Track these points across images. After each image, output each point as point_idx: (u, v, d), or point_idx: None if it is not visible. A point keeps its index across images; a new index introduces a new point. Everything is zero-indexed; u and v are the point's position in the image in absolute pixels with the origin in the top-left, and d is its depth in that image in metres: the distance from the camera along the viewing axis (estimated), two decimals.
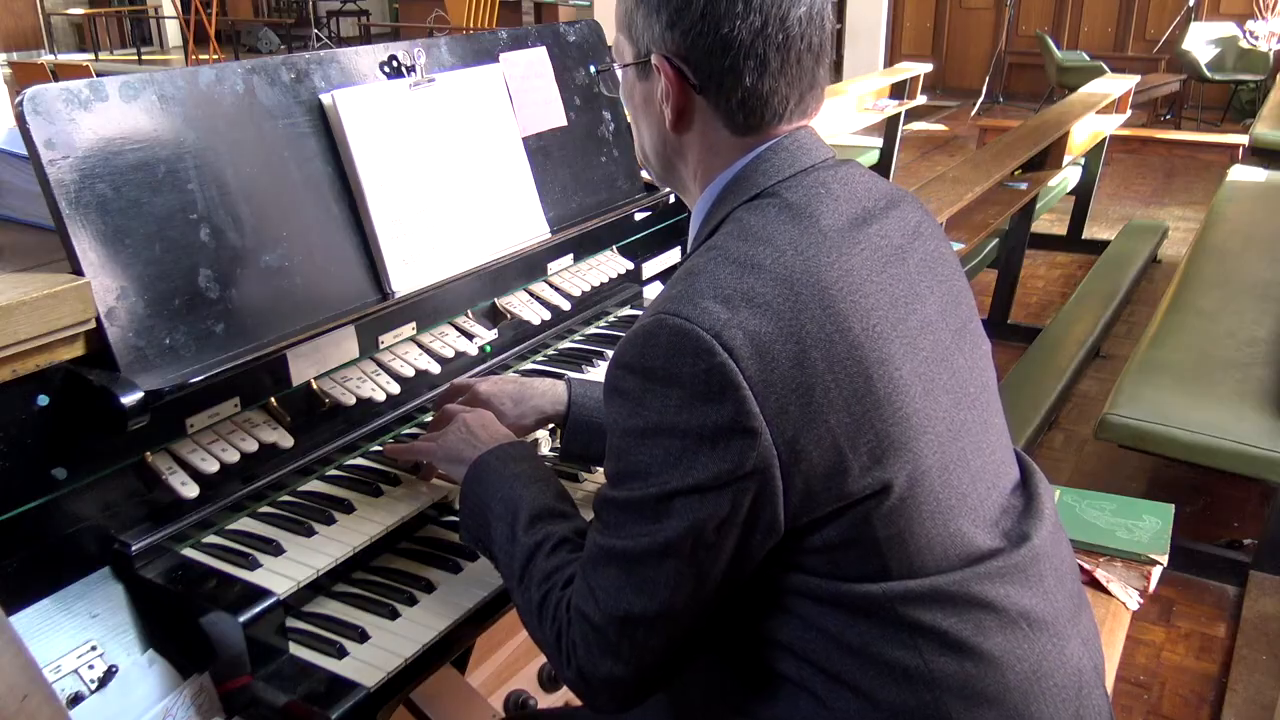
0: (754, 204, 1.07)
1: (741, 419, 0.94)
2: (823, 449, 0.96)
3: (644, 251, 2.20)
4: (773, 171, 1.08)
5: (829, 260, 1.01)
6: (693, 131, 1.11)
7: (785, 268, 0.99)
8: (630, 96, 1.17)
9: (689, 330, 0.94)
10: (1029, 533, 1.11)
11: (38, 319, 1.12)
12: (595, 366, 1.85)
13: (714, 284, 0.98)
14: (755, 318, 0.95)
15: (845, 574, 1.01)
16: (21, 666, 0.89)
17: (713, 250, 1.03)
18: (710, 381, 0.94)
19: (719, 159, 1.11)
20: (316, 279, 1.43)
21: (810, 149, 1.11)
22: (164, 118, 1.28)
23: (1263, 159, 5.11)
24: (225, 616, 1.18)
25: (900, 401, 1.00)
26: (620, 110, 2.02)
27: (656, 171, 1.20)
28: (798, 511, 0.98)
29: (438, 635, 1.27)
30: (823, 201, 1.06)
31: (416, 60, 1.61)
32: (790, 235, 1.02)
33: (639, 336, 0.98)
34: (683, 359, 0.94)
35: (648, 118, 1.15)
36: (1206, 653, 2.59)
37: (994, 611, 1.04)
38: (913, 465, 1.01)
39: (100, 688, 1.15)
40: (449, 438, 1.36)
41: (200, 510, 1.33)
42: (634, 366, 0.98)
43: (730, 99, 1.06)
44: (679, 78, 1.07)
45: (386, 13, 15.85)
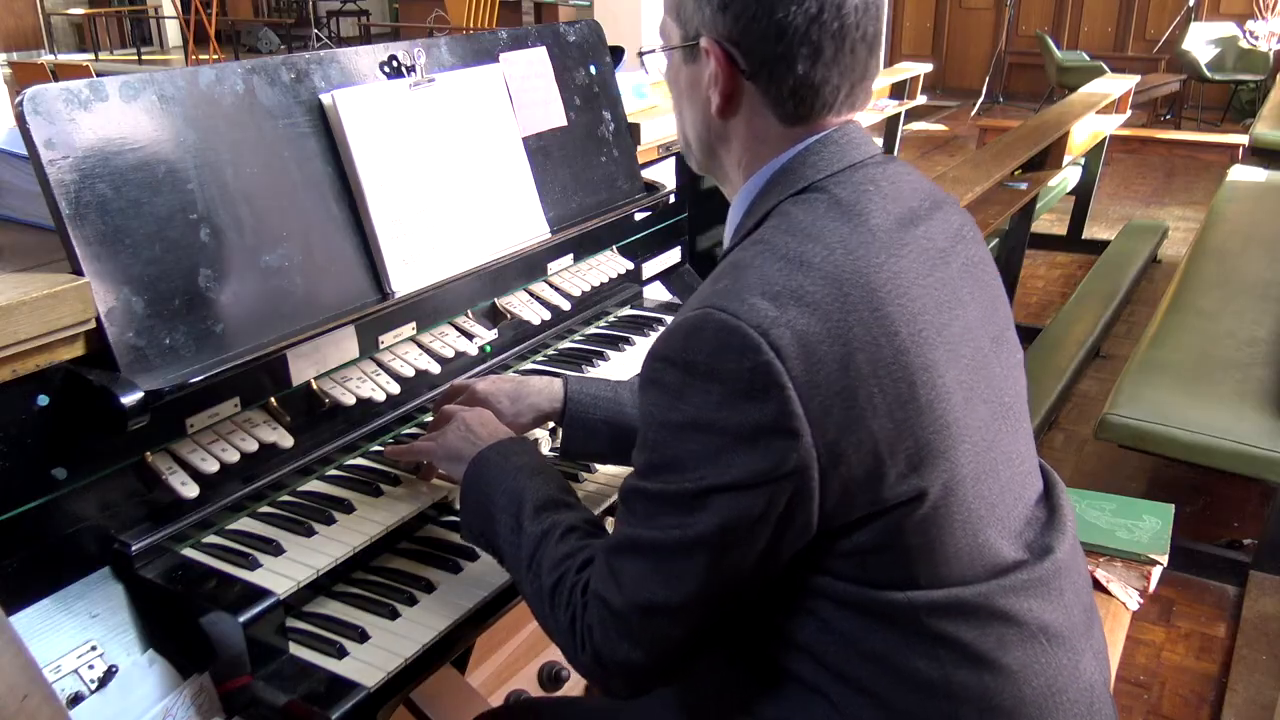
0: (802, 198, 1.05)
1: (784, 419, 0.92)
2: (862, 453, 0.95)
3: (644, 251, 2.20)
4: (821, 165, 1.06)
5: (878, 261, 0.99)
6: (739, 118, 1.09)
7: (835, 266, 0.97)
8: (675, 80, 1.14)
9: (736, 326, 0.93)
10: (1052, 546, 1.10)
11: (38, 319, 1.12)
12: (595, 366, 1.85)
13: (762, 280, 0.96)
14: (803, 317, 0.94)
15: (873, 580, 1.00)
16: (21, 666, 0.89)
17: (760, 244, 1.01)
18: (755, 380, 0.92)
19: (765, 148, 1.09)
20: (316, 279, 1.43)
21: (859, 144, 1.09)
22: (164, 118, 1.28)
23: (1263, 159, 5.11)
24: (225, 616, 1.18)
25: (941, 409, 0.99)
26: (620, 110, 2.02)
27: (697, 158, 1.18)
28: (831, 514, 0.97)
29: (438, 635, 1.27)
30: (871, 199, 1.04)
31: (416, 60, 1.61)
32: (840, 233, 1.00)
33: (682, 330, 0.97)
34: (728, 355, 0.93)
35: (692, 102, 1.12)
36: (1206, 653, 2.59)
37: (1015, 625, 1.03)
38: (949, 474, 1.00)
39: (100, 688, 1.15)
40: (448, 436, 1.36)
41: (200, 510, 1.33)
42: (675, 360, 0.97)
43: (781, 87, 1.04)
44: (728, 63, 1.04)
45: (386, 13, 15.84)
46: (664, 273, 2.31)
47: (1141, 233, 5.44)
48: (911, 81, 5.80)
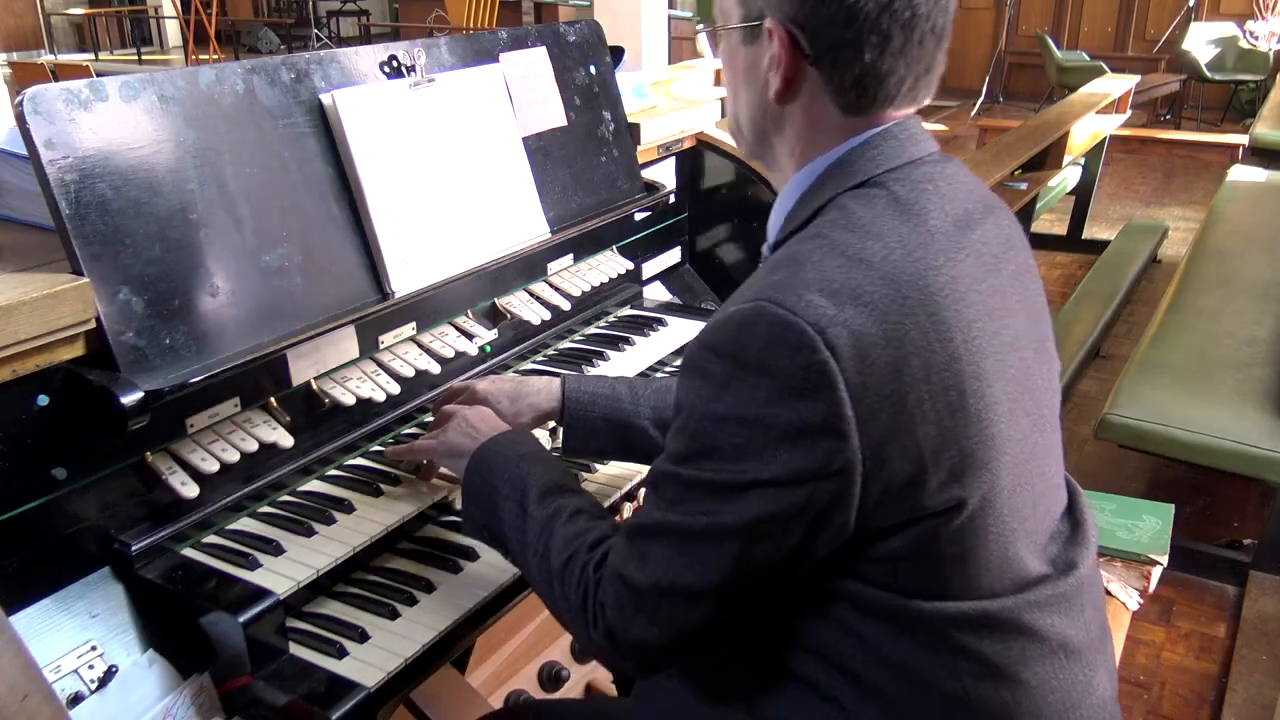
0: (860, 193, 1.02)
1: (833, 420, 0.91)
2: (905, 460, 0.94)
3: (644, 251, 2.20)
4: (881, 160, 1.03)
5: (936, 264, 0.97)
6: (797, 105, 1.05)
7: (893, 267, 0.95)
8: (731, 60, 1.11)
9: (792, 323, 0.91)
10: (1076, 561, 1.09)
11: (38, 319, 1.12)
12: (595, 366, 1.85)
13: (821, 276, 0.94)
14: (860, 317, 0.92)
15: (902, 587, 0.99)
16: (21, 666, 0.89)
17: (819, 239, 0.99)
18: (807, 378, 0.90)
19: (822, 138, 1.06)
20: (316, 279, 1.43)
21: (920, 140, 1.06)
22: (164, 118, 1.28)
23: (1263, 159, 5.11)
24: (225, 616, 1.18)
25: (988, 420, 0.98)
26: (620, 110, 2.02)
27: (747, 143, 1.15)
28: (868, 517, 0.96)
29: (438, 635, 1.27)
30: (930, 199, 1.02)
31: (416, 60, 1.61)
32: (899, 233, 0.98)
33: (734, 321, 0.94)
34: (781, 351, 0.91)
35: (749, 85, 1.09)
36: (1206, 653, 2.59)
37: (1038, 640, 1.03)
38: (988, 486, 0.98)
39: (100, 688, 1.15)
40: (449, 433, 1.36)
41: (200, 510, 1.33)
42: (723, 351, 0.95)
43: (845, 75, 1.01)
44: (792, 46, 1.01)
45: (386, 13, 15.84)
46: (664, 273, 2.31)
47: (1141, 233, 5.44)
48: None
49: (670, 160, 2.24)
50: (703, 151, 2.30)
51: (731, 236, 2.35)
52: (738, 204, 2.31)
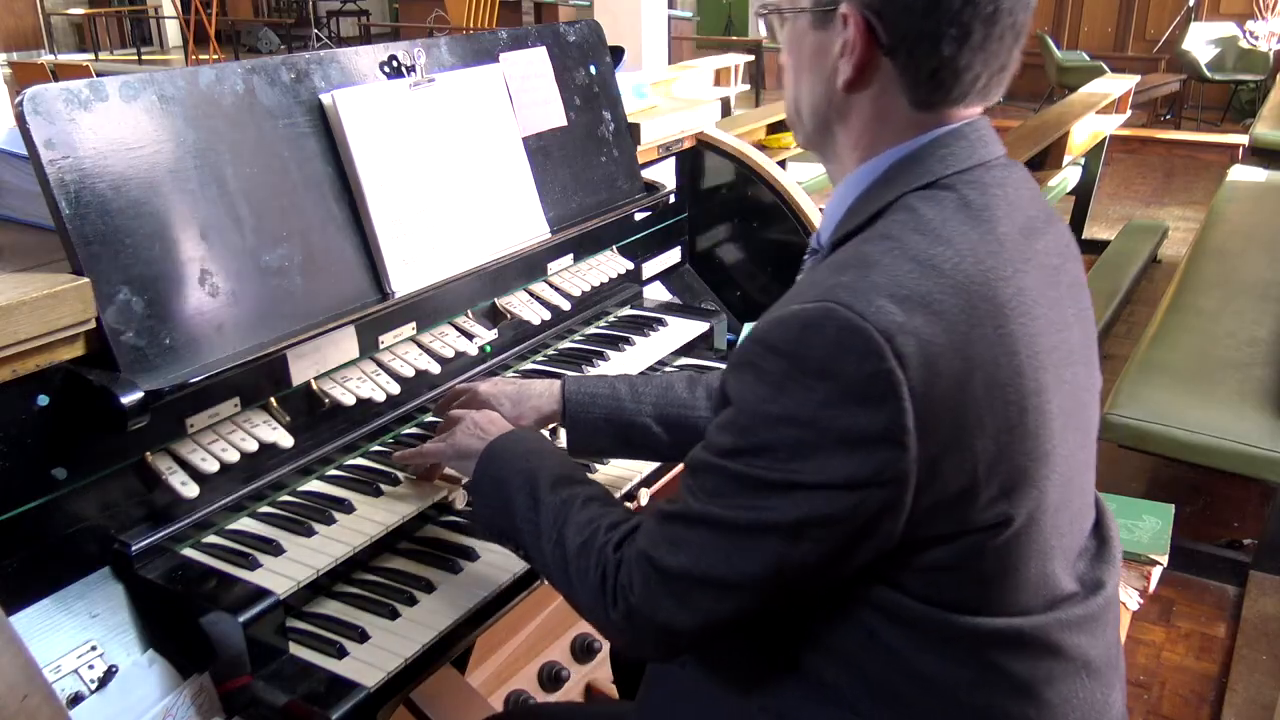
0: (929, 194, 0.99)
1: (893, 430, 0.88)
2: (960, 472, 0.92)
3: (644, 251, 2.20)
4: (952, 160, 1.00)
5: (1005, 275, 0.95)
6: (865, 95, 1.01)
7: (964, 276, 0.92)
8: (796, 45, 1.06)
9: (861, 328, 0.87)
10: (1103, 580, 1.08)
11: (38, 319, 1.12)
12: (595, 366, 1.85)
13: (892, 281, 0.90)
14: (930, 326, 0.89)
15: (939, 600, 0.97)
16: (21, 666, 0.89)
17: (888, 240, 0.95)
18: (871, 386, 0.87)
19: (889, 131, 1.02)
20: (316, 279, 1.43)
21: (989, 142, 1.03)
22: (164, 118, 1.28)
23: (1263, 159, 5.11)
24: (225, 616, 1.18)
25: (1043, 436, 0.96)
26: (620, 110, 2.02)
27: (806, 132, 1.10)
28: (914, 527, 0.93)
29: (438, 635, 1.27)
30: (999, 205, 0.99)
31: (416, 60, 1.61)
32: (970, 240, 0.95)
33: (798, 321, 0.91)
34: (847, 356, 0.88)
35: (814, 72, 1.04)
36: (1206, 653, 2.59)
37: (1064, 659, 1.02)
38: (1035, 503, 0.97)
39: (100, 688, 1.15)
40: (458, 436, 1.36)
41: (200, 510, 1.33)
42: (783, 350, 0.91)
43: (920, 67, 0.97)
44: (868, 33, 0.97)
45: (386, 13, 15.84)
46: (664, 273, 2.31)
47: (1141, 233, 5.45)
48: None
49: (670, 160, 2.24)
50: (703, 151, 2.30)
51: (731, 236, 2.35)
52: (738, 204, 2.31)
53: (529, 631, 1.98)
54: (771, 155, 3.45)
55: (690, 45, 11.15)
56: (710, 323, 2.06)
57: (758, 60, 10.01)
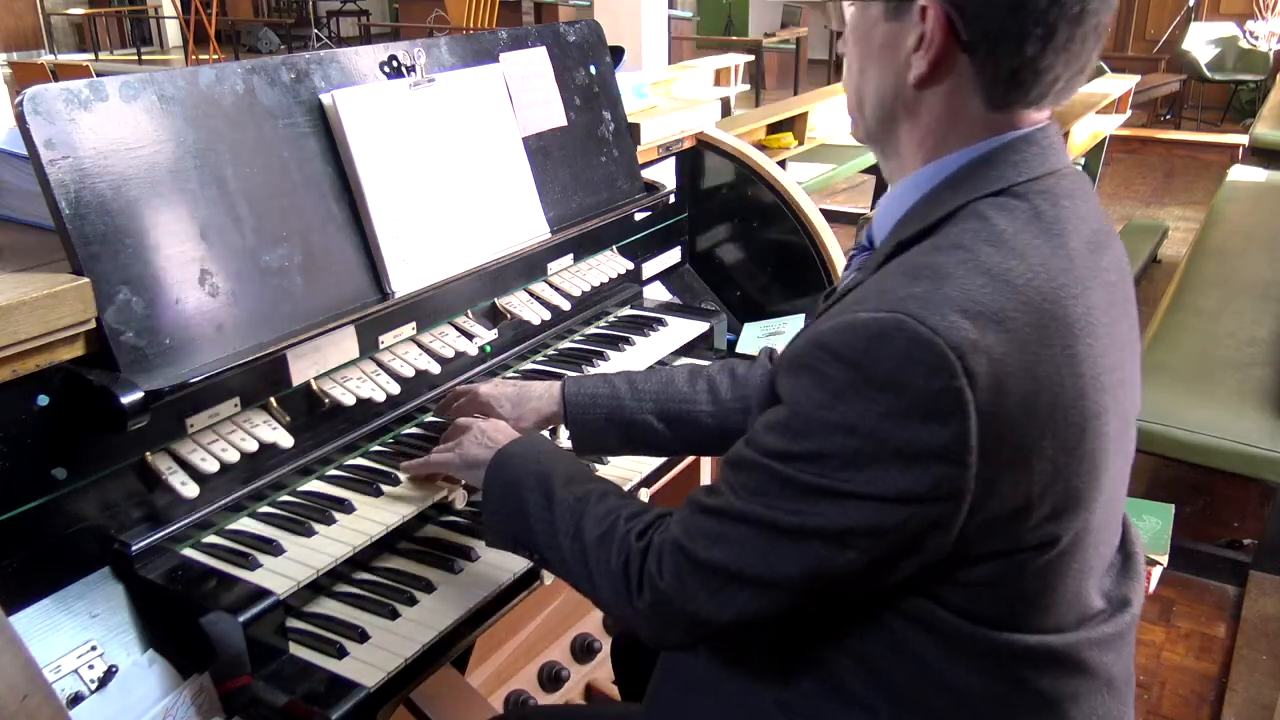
0: (1000, 202, 0.95)
1: (955, 449, 0.86)
2: (1015, 493, 0.90)
3: (644, 251, 2.20)
4: (1024, 167, 0.97)
5: (1075, 293, 0.92)
6: (937, 92, 0.97)
7: (1036, 292, 0.90)
8: (865, 36, 1.02)
9: (932, 343, 0.84)
10: (1129, 598, 1.08)
11: (38, 319, 1.12)
12: (595, 366, 1.85)
13: (964, 295, 0.87)
14: (1001, 344, 0.86)
15: (976, 614, 0.96)
16: (21, 666, 0.89)
17: (960, 250, 0.92)
18: (939, 403, 0.85)
19: (958, 131, 0.98)
20: (316, 279, 1.43)
21: (1059, 150, 1.00)
22: (164, 118, 1.28)
23: (1263, 159, 5.11)
24: (225, 616, 1.18)
25: (1098, 459, 0.95)
26: (620, 110, 2.02)
27: (868, 126, 1.07)
28: (960, 544, 0.91)
29: (438, 635, 1.27)
30: (1070, 218, 0.96)
31: (416, 60, 1.61)
32: (1042, 254, 0.92)
33: (867, 330, 0.88)
34: (915, 371, 0.85)
35: (883, 64, 1.00)
36: (1206, 653, 2.59)
37: (1090, 678, 1.02)
38: (1082, 524, 0.96)
39: (100, 688, 1.15)
40: (466, 446, 1.35)
41: (200, 510, 1.33)
42: (847, 358, 0.88)
43: (1000, 66, 0.93)
44: (947, 28, 0.93)
45: (386, 13, 15.84)
46: (664, 273, 2.31)
47: (1141, 233, 5.44)
48: None
49: (670, 160, 2.24)
50: (703, 151, 2.30)
51: (731, 236, 2.35)
52: (738, 204, 2.31)
53: (529, 631, 1.98)
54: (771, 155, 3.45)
55: (690, 45, 11.15)
56: (710, 323, 2.06)
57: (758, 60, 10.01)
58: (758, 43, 10.41)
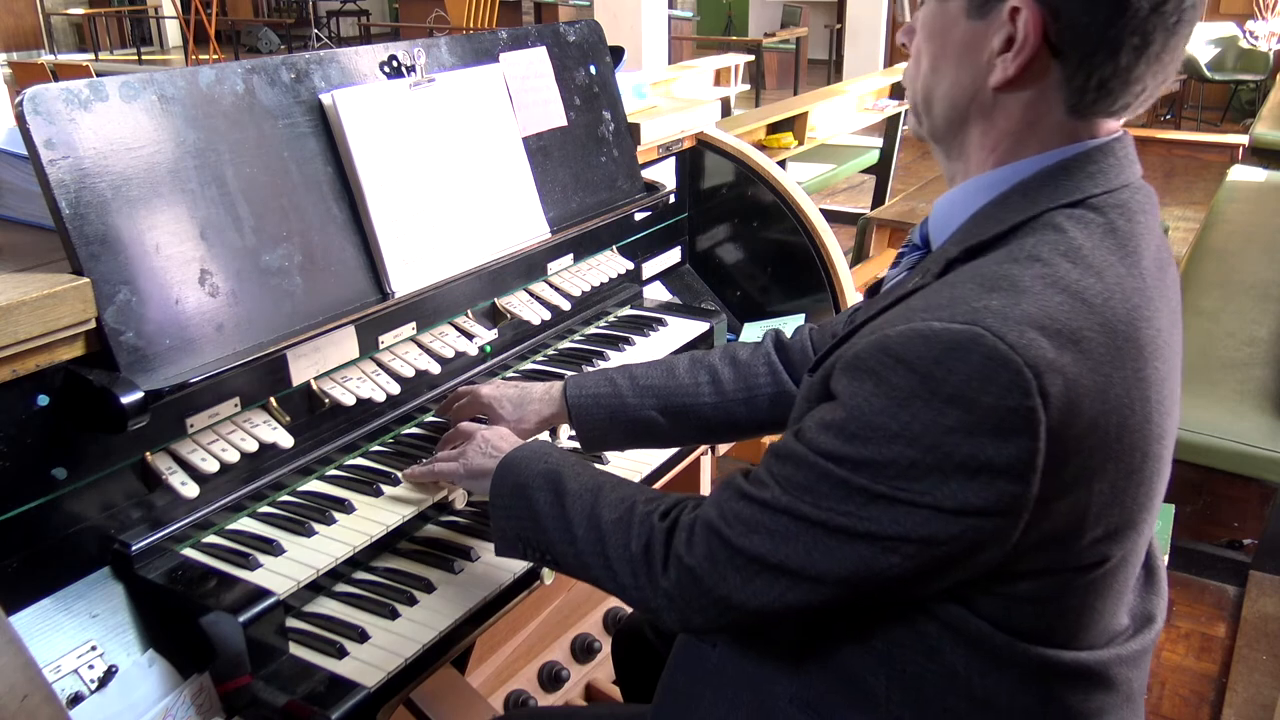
0: (1076, 214, 0.92)
1: (1019, 467, 0.84)
2: (1072, 513, 0.88)
3: (644, 251, 2.20)
4: (1101, 179, 0.93)
5: (1147, 315, 0.90)
6: (1018, 96, 0.94)
7: (1112, 313, 0.87)
8: (941, 30, 0.97)
9: (1010, 360, 0.82)
10: (1153, 615, 1.07)
11: (38, 319, 1.12)
12: (595, 366, 1.85)
13: (1043, 311, 0.85)
14: (1076, 365, 0.84)
15: (1013, 627, 0.94)
16: (21, 666, 0.89)
17: (1037, 263, 0.89)
18: (1008, 420, 0.83)
19: (1036, 138, 0.95)
20: (316, 279, 1.43)
21: (1134, 162, 0.97)
22: (164, 118, 1.28)
23: (1263, 159, 5.11)
24: (225, 616, 1.18)
25: (1154, 483, 0.94)
26: (620, 110, 2.02)
27: (935, 126, 1.02)
28: (1009, 559, 0.90)
29: (438, 635, 1.27)
30: (1143, 236, 0.94)
31: (416, 60, 1.61)
32: (1117, 273, 0.90)
33: (941, 339, 0.85)
34: (989, 387, 0.82)
35: (961, 63, 0.96)
36: (1206, 653, 2.59)
37: (1115, 693, 1.01)
38: (1130, 546, 0.95)
39: (100, 688, 1.15)
40: (470, 456, 1.34)
41: (200, 510, 1.33)
42: (917, 367, 0.85)
43: (1092, 75, 0.90)
44: (1041, 31, 0.90)
45: (386, 13, 15.85)
46: (664, 273, 2.31)
47: None
48: None
49: (670, 160, 2.24)
50: (703, 151, 2.30)
51: (731, 236, 2.35)
52: (738, 204, 2.31)
53: (529, 631, 1.98)
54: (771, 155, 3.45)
55: (690, 45, 11.15)
56: (710, 323, 2.06)
57: (758, 60, 10.01)
58: (758, 43, 10.41)
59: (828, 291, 2.24)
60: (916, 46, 1.02)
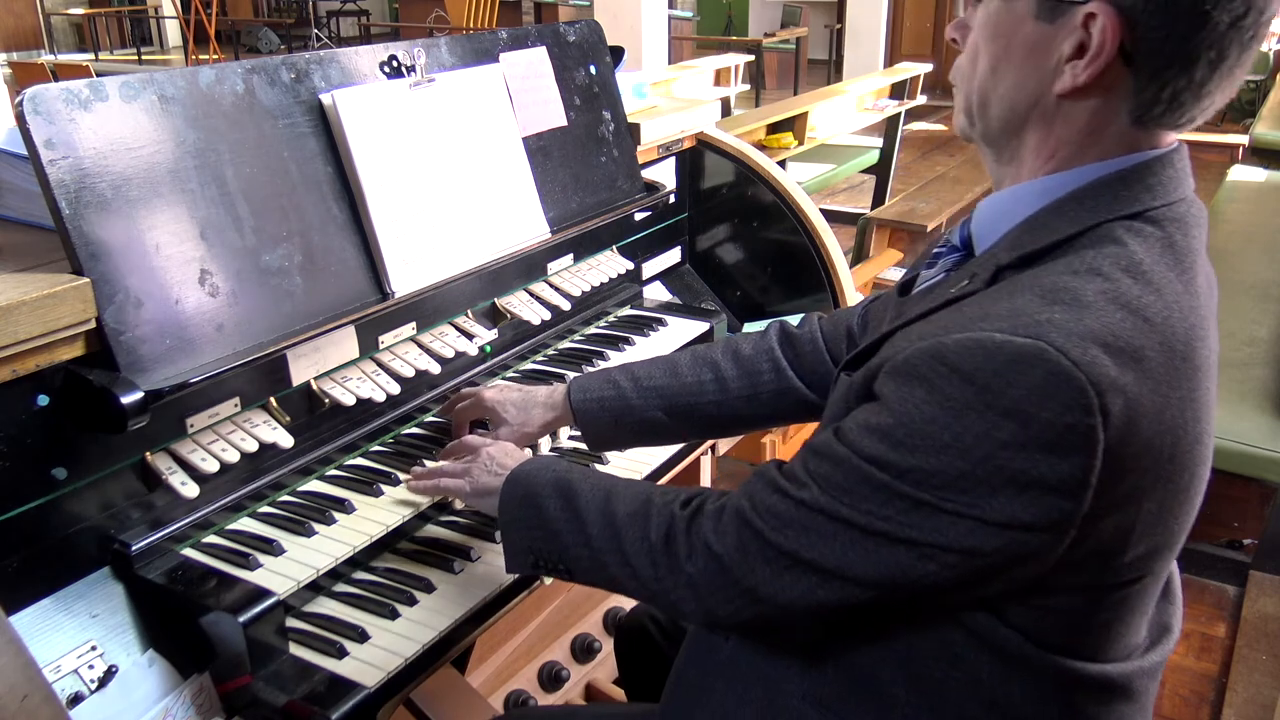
0: (1135, 226, 0.90)
1: (1072, 484, 0.82)
2: (1116, 532, 0.87)
3: (644, 251, 2.20)
4: (1159, 192, 0.91)
5: (1202, 334, 0.89)
6: (1084, 104, 0.91)
7: (1171, 332, 0.86)
8: (1004, 32, 0.94)
9: (1074, 377, 0.80)
10: (1170, 625, 1.07)
11: (38, 319, 1.12)
12: (595, 366, 1.85)
13: (1105, 327, 0.83)
14: (1138, 384, 0.82)
15: (1041, 638, 0.93)
16: (21, 666, 0.89)
17: (1098, 278, 0.86)
18: (1067, 438, 0.81)
19: (1095, 146, 0.93)
20: (316, 279, 1.43)
21: (1189, 175, 0.95)
22: (164, 118, 1.28)
23: (1263, 159, 5.11)
24: (225, 616, 1.18)
25: (1194, 504, 0.93)
26: (620, 110, 2.02)
27: (989, 129, 0.99)
28: (1047, 573, 0.88)
29: (438, 635, 1.27)
30: (1197, 252, 0.92)
31: (416, 60, 1.61)
32: (1175, 290, 0.88)
33: (1002, 351, 0.82)
34: (1050, 403, 0.80)
35: (1025, 67, 0.93)
36: (1206, 653, 2.59)
37: (1133, 704, 1.00)
38: (1164, 564, 0.95)
39: (100, 688, 1.15)
40: (475, 474, 1.32)
41: (200, 510, 1.33)
42: (974, 379, 0.83)
43: (1165, 86, 0.88)
44: (1118, 41, 0.87)
45: (386, 13, 15.85)
46: (664, 273, 2.31)
47: None
48: (911, 81, 5.80)
49: (670, 160, 2.24)
50: (703, 151, 2.30)
51: (731, 236, 2.35)
52: (738, 204, 2.31)
53: (529, 631, 1.98)
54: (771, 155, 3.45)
55: (690, 45, 11.15)
56: (710, 323, 2.06)
57: (758, 60, 10.01)
58: (758, 43, 10.41)
59: (828, 291, 2.25)
60: (973, 45, 0.98)
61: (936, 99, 10.34)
